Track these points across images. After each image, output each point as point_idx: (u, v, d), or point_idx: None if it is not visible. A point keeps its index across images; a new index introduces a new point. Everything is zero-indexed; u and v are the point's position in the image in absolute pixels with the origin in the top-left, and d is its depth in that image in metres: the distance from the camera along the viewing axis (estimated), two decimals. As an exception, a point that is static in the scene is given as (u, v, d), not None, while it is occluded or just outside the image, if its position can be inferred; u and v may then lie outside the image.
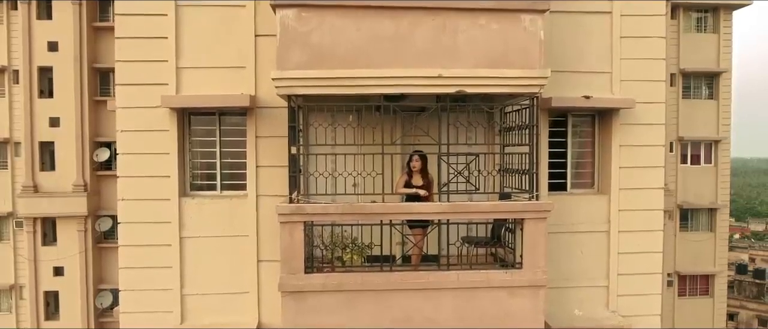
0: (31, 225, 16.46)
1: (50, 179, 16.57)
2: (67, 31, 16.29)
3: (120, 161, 5.98)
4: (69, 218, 16.54)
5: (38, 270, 16.60)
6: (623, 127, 6.30)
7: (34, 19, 16.31)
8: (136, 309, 5.96)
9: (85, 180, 16.53)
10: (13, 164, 17.03)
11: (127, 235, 5.96)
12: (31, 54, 16.30)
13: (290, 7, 4.74)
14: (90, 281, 16.71)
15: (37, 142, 16.48)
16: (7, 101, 16.90)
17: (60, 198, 16.32)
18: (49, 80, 16.76)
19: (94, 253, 16.88)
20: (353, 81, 4.84)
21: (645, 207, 6.38)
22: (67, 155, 16.48)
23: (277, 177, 5.92)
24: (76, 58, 16.31)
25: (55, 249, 16.70)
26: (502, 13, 4.88)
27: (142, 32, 5.87)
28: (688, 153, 18.97)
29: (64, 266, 16.66)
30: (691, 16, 19.01)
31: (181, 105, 5.87)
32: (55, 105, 16.48)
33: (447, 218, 5.28)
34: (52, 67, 16.51)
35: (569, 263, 6.31)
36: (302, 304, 4.95)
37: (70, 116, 16.43)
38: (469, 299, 5.12)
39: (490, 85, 4.96)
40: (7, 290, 17.22)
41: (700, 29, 19.13)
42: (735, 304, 46.30)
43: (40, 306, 16.66)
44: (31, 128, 16.38)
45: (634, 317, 6.36)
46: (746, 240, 69.63)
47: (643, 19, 6.32)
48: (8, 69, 16.81)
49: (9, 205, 16.96)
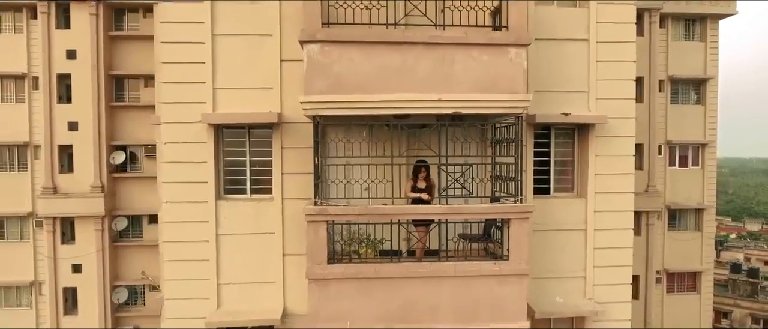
0: (50, 225, 17.41)
1: (69, 180, 17.52)
2: (85, 39, 17.22)
3: (164, 169, 7.00)
4: (87, 218, 17.50)
5: (57, 267, 17.54)
6: (598, 139, 7.33)
7: (53, 28, 17.24)
8: (179, 296, 6.98)
9: (102, 182, 17.49)
10: (33, 167, 17.99)
11: (171, 232, 6.98)
12: (50, 62, 17.23)
13: (315, 43, 5.76)
14: (107, 278, 17.67)
15: (56, 145, 17.42)
16: (27, 106, 17.85)
17: (78, 199, 17.28)
18: (68, 86, 17.68)
19: (111, 251, 17.84)
20: (367, 104, 5.85)
21: (617, 208, 7.41)
22: (85, 158, 17.43)
23: (300, 183, 6.94)
24: (94, 66, 17.24)
25: (73, 247, 17.65)
26: (491, 47, 5.90)
27: (183, 58, 6.88)
28: (677, 156, 19.96)
29: (82, 263, 17.61)
30: (680, 25, 19.99)
31: (218, 121, 6.88)
32: (73, 110, 17.42)
33: (446, 218, 6.30)
34: (70, 74, 17.44)
35: (552, 257, 7.35)
36: (325, 290, 5.97)
37: (87, 120, 17.38)
38: (464, 286, 6.14)
39: (481, 107, 5.98)
40: (27, 286, 18.19)
41: (688, 38, 20.12)
42: (729, 303, 47.43)
43: (59, 302, 17.62)
44: (51, 132, 17.33)
45: (607, 303, 7.42)
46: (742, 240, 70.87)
47: (615, 45, 7.36)
48: (28, 76, 17.76)
49: (29, 205, 17.93)
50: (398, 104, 5.84)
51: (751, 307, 46.66)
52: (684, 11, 19.57)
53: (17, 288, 18.29)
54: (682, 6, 19.54)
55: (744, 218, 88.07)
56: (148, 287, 18.55)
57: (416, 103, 5.85)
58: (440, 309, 6.03)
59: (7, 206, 17.91)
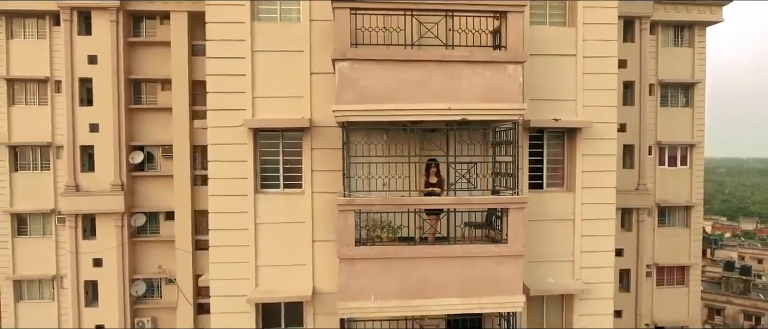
0: (73, 221, 18.48)
1: (90, 179, 18.58)
2: (106, 45, 18.29)
3: (210, 167, 8.17)
4: (107, 215, 18.56)
5: (79, 261, 18.63)
6: (585, 141, 8.54)
7: (76, 35, 18.30)
8: (222, 277, 8.16)
9: (122, 180, 18.59)
10: (55, 166, 19.09)
11: (216, 221, 8.15)
12: (72, 66, 18.29)
13: (345, 61, 6.94)
14: (126, 271, 18.76)
15: (78, 146, 18.49)
16: (49, 108, 18.95)
17: (100, 197, 18.36)
18: (88, 90, 18.75)
19: (129, 246, 18.93)
20: (388, 112, 7.04)
21: (601, 201, 8.62)
22: (106, 158, 18.50)
23: (326, 178, 8.14)
24: (114, 70, 18.32)
25: (94, 243, 18.71)
26: (492, 64, 7.10)
27: (227, 71, 8.05)
28: (666, 156, 21.23)
29: (102, 258, 18.69)
30: (669, 32, 21.25)
31: (256, 126, 8.06)
32: (94, 112, 18.47)
33: (454, 208, 7.49)
34: (91, 79, 18.49)
35: (545, 244, 8.55)
36: (352, 268, 7.15)
37: (108, 122, 18.44)
38: (469, 265, 7.33)
39: (484, 114, 7.18)
40: (50, 280, 19.29)
41: (677, 44, 21.38)
42: (722, 300, 48.86)
43: (80, 294, 18.69)
44: (74, 133, 18.40)
45: (593, 284, 8.62)
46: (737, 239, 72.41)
47: (599, 59, 8.57)
48: (51, 80, 18.86)
49: (52, 203, 19.04)
50: (415, 112, 7.03)
51: (743, 304, 48.10)
52: (673, 18, 20.79)
53: (40, 281, 19.38)
54: (671, 13, 20.77)
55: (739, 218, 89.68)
56: (165, 280, 19.68)
57: (430, 111, 7.04)
58: (449, 285, 7.21)
59: (30, 204, 19.01)
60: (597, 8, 8.48)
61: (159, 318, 19.50)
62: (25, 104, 19.04)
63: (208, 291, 16.69)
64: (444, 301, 7.18)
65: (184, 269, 19.10)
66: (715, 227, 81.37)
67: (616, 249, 19.41)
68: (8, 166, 19.00)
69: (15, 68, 18.77)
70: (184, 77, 18.82)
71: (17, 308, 19.27)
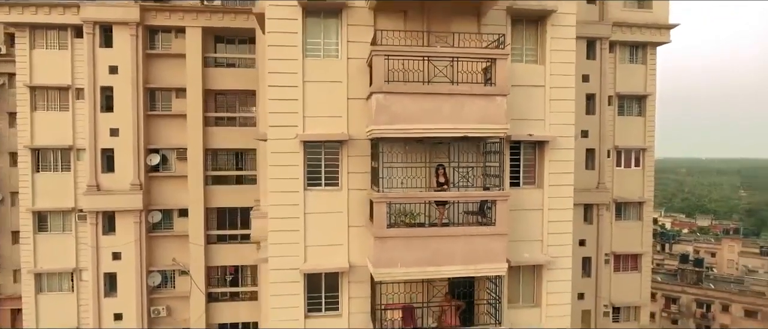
0: (93, 218, 20.51)
1: (110, 179, 20.65)
2: (126, 57, 20.42)
3: (270, 170, 10.80)
4: (126, 212, 20.69)
5: (99, 255, 20.65)
6: (551, 150, 11.63)
7: (98, 47, 20.34)
8: (279, 255, 10.81)
9: (140, 180, 20.74)
10: (76, 167, 21.04)
11: (275, 212, 10.79)
12: (95, 76, 20.32)
13: (381, 93, 9.75)
14: (143, 264, 20.92)
15: (99, 149, 20.52)
16: (70, 114, 20.89)
17: (120, 195, 20.46)
18: (108, 97, 20.79)
19: (146, 241, 21.10)
20: (411, 131, 9.89)
21: (562, 196, 11.73)
22: (125, 160, 20.62)
23: (358, 178, 10.93)
24: (133, 80, 20.47)
25: (113, 238, 20.78)
26: (485, 97, 10.06)
27: (284, 96, 10.71)
28: (622, 158, 24.92)
29: (121, 251, 20.79)
30: (625, 51, 24.93)
31: (306, 139, 10.75)
32: (115, 118, 20.56)
33: (456, 200, 10.41)
34: (112, 87, 20.56)
35: (522, 227, 11.57)
36: (384, 244, 9.96)
37: (127, 127, 20.57)
38: (468, 242, 10.25)
39: (479, 132, 10.12)
40: (69, 273, 21.21)
41: (632, 61, 25.11)
42: (678, 290, 54.08)
43: (100, 285, 20.73)
44: (95, 137, 20.42)
45: (556, 257, 11.73)
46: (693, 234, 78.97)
47: (561, 89, 11.68)
48: (72, 87, 20.81)
49: (72, 201, 20.99)
50: (430, 131, 9.91)
51: (696, 293, 53.41)
52: (628, 39, 24.48)
53: (59, 274, 21.29)
54: (627, 35, 24.43)
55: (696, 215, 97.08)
56: (178, 272, 21.91)
57: (441, 129, 9.93)
58: (454, 256, 10.13)
59: (51, 202, 20.95)
60: (559, 51, 11.59)
61: (173, 306, 21.76)
62: (46, 110, 20.92)
63: (217, 281, 20.15)
64: (450, 267, 10.10)
65: (196, 261, 21.45)
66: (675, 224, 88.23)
67: (580, 240, 23.18)
68: (30, 167, 20.83)
69: (37, 77, 20.65)
70: (198, 86, 21.16)
71: (38, 300, 21.11)
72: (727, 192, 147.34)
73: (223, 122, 22.22)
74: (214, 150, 21.99)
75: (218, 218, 22.19)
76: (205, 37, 21.32)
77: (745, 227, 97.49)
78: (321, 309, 11.22)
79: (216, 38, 22.13)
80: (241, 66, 22.30)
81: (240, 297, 22.63)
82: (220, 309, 22.03)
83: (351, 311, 11.12)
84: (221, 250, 21.96)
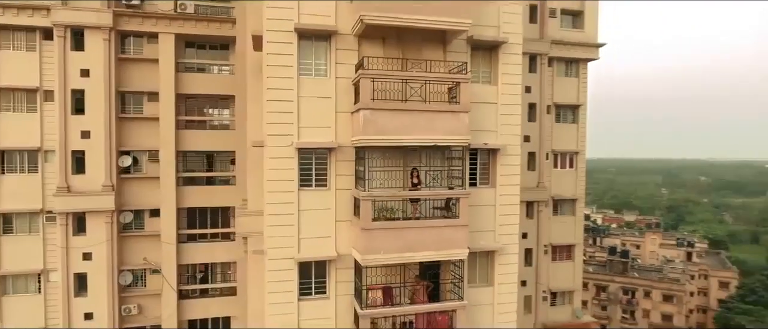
0: (64, 219, 20.97)
1: (81, 181, 21.17)
2: (98, 61, 21.05)
3: (268, 173, 12.59)
4: (97, 213, 21.32)
5: (69, 256, 21.13)
6: (502, 156, 14.27)
7: (69, 50, 20.83)
8: (276, 246, 12.64)
9: (112, 182, 21.45)
10: (44, 169, 21.37)
11: (272, 209, 12.60)
12: (65, 79, 20.80)
13: (368, 110, 11.88)
14: (115, 263, 21.64)
15: (69, 151, 21.00)
16: (39, 116, 21.20)
17: (91, 196, 21.06)
18: (78, 100, 21.28)
19: (118, 241, 21.82)
20: (392, 141, 12.09)
21: (510, 193, 14.42)
22: (96, 161, 21.23)
23: (344, 180, 12.99)
24: (106, 83, 21.15)
25: (84, 238, 21.32)
26: (452, 113, 12.47)
27: (281, 110, 12.55)
28: (558, 160, 28.52)
29: (92, 252, 21.38)
30: (562, 66, 28.54)
31: (300, 146, 12.66)
32: (86, 120, 21.12)
33: (427, 198, 12.73)
34: (83, 90, 21.11)
35: (479, 220, 14.11)
36: (369, 235, 12.09)
37: (99, 129, 21.20)
38: (437, 232, 12.60)
39: (446, 142, 12.51)
40: (36, 275, 21.49)
41: (568, 75, 28.78)
42: (607, 279, 60.05)
43: (70, 285, 21.21)
44: (65, 139, 20.90)
45: (506, 244, 14.39)
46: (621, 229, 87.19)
47: (509, 106, 14.34)
48: (40, 89, 21.14)
49: (40, 203, 21.30)
50: (408, 140, 12.17)
51: (623, 282, 59.64)
52: (564, 55, 28.08)
53: (26, 276, 21.51)
54: (562, 51, 28.01)
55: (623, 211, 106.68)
56: (149, 270, 22.77)
57: (417, 140, 12.22)
58: (426, 243, 12.44)
59: (17, 204, 21.15)
60: (509, 74, 14.26)
61: (144, 304, 22.61)
62: (13, 112, 21.09)
63: (188, 279, 21.69)
64: (423, 253, 12.41)
65: (168, 259, 22.50)
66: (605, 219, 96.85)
67: (522, 233, 26.40)
68: (-5, 169, 20.92)
69: (3, 78, 20.86)
70: (170, 91, 22.22)
71: (2, 302, 21.26)
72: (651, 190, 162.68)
73: (193, 125, 23.29)
74: (185, 152, 23.05)
75: (188, 218, 23.27)
76: (177, 43, 22.34)
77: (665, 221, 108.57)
78: (311, 293, 13.17)
79: (186, 44, 23.18)
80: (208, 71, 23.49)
81: (209, 293, 23.82)
82: (191, 306, 23.13)
83: (337, 294, 13.17)
84: (192, 249, 23.08)
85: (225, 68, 23.68)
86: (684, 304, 58.40)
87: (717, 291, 65.27)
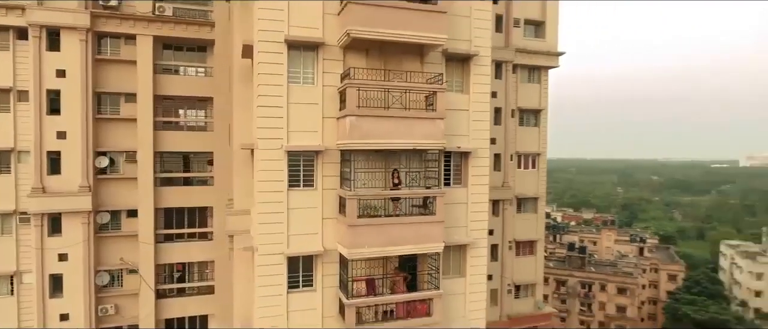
0: (38, 220, 21.03)
1: (56, 181, 21.29)
2: (75, 61, 21.24)
3: (259, 174, 13.56)
4: (73, 214, 21.49)
5: (44, 257, 21.20)
6: (473, 158, 15.77)
7: (45, 50, 20.92)
8: (266, 243, 13.63)
9: (89, 182, 21.66)
10: (17, 170, 21.32)
11: (263, 208, 13.58)
12: (41, 79, 20.88)
13: (354, 116, 13.06)
14: (92, 264, 21.85)
15: (45, 151, 21.08)
16: (12, 116, 21.15)
17: (67, 197, 21.22)
18: (52, 100, 21.38)
19: (94, 241, 22.03)
20: (376, 144, 13.33)
21: (480, 192, 15.95)
22: (73, 162, 21.41)
23: (330, 181, 14.12)
24: (83, 84, 21.35)
25: (59, 239, 21.44)
26: (429, 119, 13.84)
27: (271, 115, 13.55)
28: (522, 161, 30.55)
29: (67, 253, 21.52)
30: (525, 72, 30.58)
31: (289, 149, 13.69)
32: (62, 121, 21.26)
33: (407, 197, 14.04)
34: (59, 90, 21.23)
35: (453, 217, 15.56)
36: (355, 231, 13.29)
37: (75, 130, 21.39)
38: (416, 228, 13.94)
39: (424, 146, 13.87)
40: (8, 276, 21.41)
41: (531, 81, 30.85)
42: (566, 273, 63.36)
43: (45, 286, 21.27)
44: (40, 139, 20.97)
45: (477, 239, 15.91)
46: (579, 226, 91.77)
47: (480, 113, 15.87)
48: (13, 89, 21.10)
49: (13, 204, 21.25)
50: (390, 144, 13.44)
51: (581, 276, 63.08)
52: (527, 63, 30.12)
53: (-3, 278, 21.39)
54: (526, 59, 30.03)
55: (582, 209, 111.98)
56: (126, 270, 23.07)
57: (398, 144, 13.50)
58: (406, 238, 13.75)
59: (-12, 204, 21.01)
60: (479, 84, 15.78)
61: (121, 304, 22.92)
62: (-17, 112, 20.94)
63: (166, 278, 22.43)
64: (403, 247, 13.71)
65: (146, 259, 22.92)
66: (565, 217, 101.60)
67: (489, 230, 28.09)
68: (-35, 170, 20.74)
69: (-26, 77, 20.64)
70: (149, 92, 22.65)
71: (-28, 304, 21.06)
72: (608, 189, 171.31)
73: (171, 126, 23.74)
74: (162, 153, 23.47)
75: (166, 218, 23.71)
76: (154, 44, 22.75)
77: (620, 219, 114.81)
78: (299, 285, 14.23)
79: (164, 45, 23.60)
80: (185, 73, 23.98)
81: (186, 292, 24.32)
82: (168, 305, 23.59)
83: (324, 286, 14.29)
84: (169, 248, 23.54)
85: (201, 70, 24.22)
86: (636, 296, 62.51)
87: (666, 283, 70.08)
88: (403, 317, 13.99)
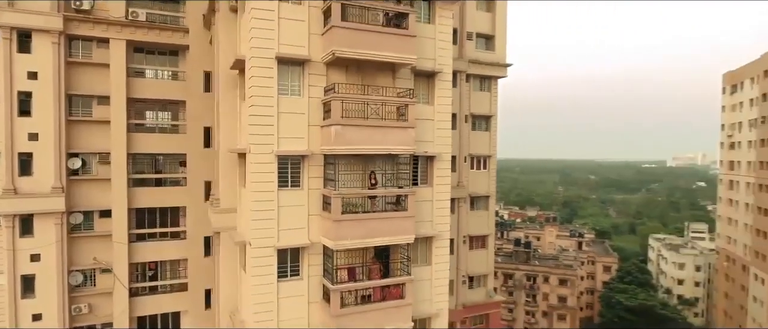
0: (10, 221, 21.39)
1: (28, 183, 21.70)
2: (47, 63, 21.73)
3: (252, 176, 15.35)
4: (46, 215, 21.99)
5: (16, 257, 21.58)
6: (438, 161, 18.32)
7: (15, 52, 21.30)
8: (259, 237, 15.45)
9: (62, 183, 22.24)
10: (-14, 171, 21.53)
11: (257, 206, 15.39)
12: (12, 81, 21.25)
13: (338, 125, 15.19)
14: (65, 264, 22.44)
15: (16, 152, 21.46)
16: (-19, 117, 21.34)
17: (40, 198, 21.71)
18: (22, 101, 21.74)
19: (67, 242, 22.61)
20: (357, 150, 15.53)
21: (443, 191, 18.53)
22: (45, 163, 21.90)
23: (315, 181, 16.17)
24: (55, 86, 21.89)
25: (31, 240, 21.84)
26: (401, 128, 16.21)
27: (263, 123, 15.39)
28: (474, 163, 33.69)
29: (40, 253, 21.99)
30: (477, 82, 33.72)
31: (279, 154, 15.59)
32: (33, 123, 21.69)
33: (383, 195, 16.34)
34: (31, 92, 21.66)
35: (421, 212, 18.02)
36: (339, 225, 15.41)
37: (47, 131, 21.89)
38: (390, 223, 16.26)
39: (398, 151, 16.23)
40: (-23, 278, 21.59)
41: (482, 90, 34.04)
42: (512, 268, 68.06)
43: (17, 287, 21.65)
44: (12, 141, 21.34)
45: (441, 231, 18.48)
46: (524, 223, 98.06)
47: (443, 122, 18.45)
48: (-18, 91, 21.31)
49: (-18, 205, 21.45)
50: (369, 150, 15.68)
51: (526, 269, 67.97)
52: (478, 73, 33.25)
53: (-35, 280, 21.50)
54: (478, 70, 33.14)
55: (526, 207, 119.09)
56: (99, 270, 23.75)
57: (375, 149, 15.77)
58: (382, 231, 16.04)
59: (-44, 206, 21.09)
60: (442, 97, 18.36)
61: (95, 303, 23.63)
62: (-49, 113, 21.02)
63: (139, 276, 23.91)
64: (380, 239, 16.00)
65: (120, 259, 23.79)
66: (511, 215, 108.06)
67: (446, 225, 30.71)
68: (-69, 171, 20.75)
69: (-59, 78, 20.71)
70: (122, 95, 23.53)
71: (-62, 307, 21.12)
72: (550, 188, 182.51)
73: (143, 129, 24.63)
74: (135, 154, 24.35)
75: (138, 218, 24.58)
76: (127, 48, 23.60)
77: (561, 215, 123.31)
78: (287, 275, 16.16)
79: (135, 49, 24.45)
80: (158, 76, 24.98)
81: (159, 290, 25.29)
82: (142, 303, 24.51)
83: (310, 275, 16.30)
84: (142, 247, 24.46)
85: (171, 73, 25.26)
86: (576, 287, 68.31)
87: (601, 274, 76.87)
88: (380, 300, 16.29)
